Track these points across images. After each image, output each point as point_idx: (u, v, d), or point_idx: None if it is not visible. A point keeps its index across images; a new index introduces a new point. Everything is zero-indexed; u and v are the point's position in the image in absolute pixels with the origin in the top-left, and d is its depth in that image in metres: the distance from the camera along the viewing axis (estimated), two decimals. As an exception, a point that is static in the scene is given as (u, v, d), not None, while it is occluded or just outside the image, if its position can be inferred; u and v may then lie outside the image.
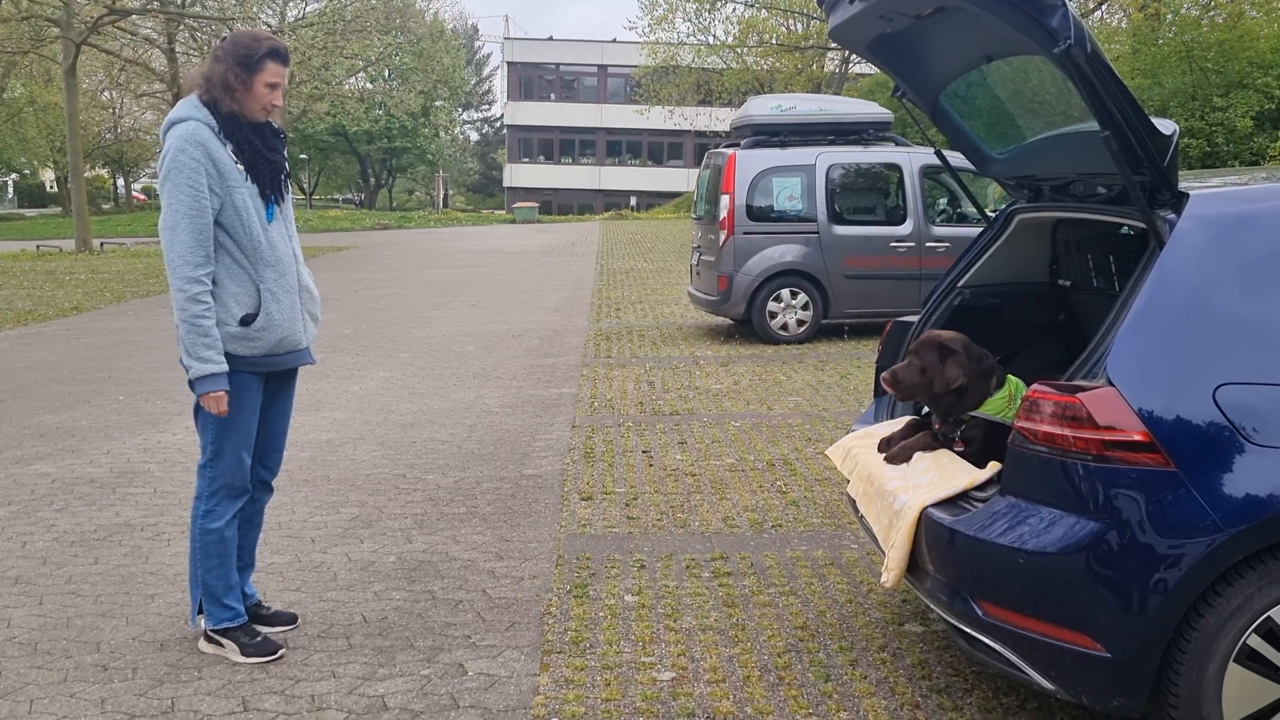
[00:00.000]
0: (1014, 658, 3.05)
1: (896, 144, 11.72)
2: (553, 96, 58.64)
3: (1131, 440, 2.86)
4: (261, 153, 3.78)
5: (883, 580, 3.48)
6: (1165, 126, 3.11)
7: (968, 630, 3.18)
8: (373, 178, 67.80)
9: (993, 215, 4.40)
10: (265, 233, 3.77)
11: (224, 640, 3.90)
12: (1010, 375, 3.74)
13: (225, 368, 3.70)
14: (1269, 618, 2.82)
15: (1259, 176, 3.65)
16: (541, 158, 58.60)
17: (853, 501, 4.00)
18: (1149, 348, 2.97)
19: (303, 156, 60.46)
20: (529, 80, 58.52)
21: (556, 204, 55.65)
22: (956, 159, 4.62)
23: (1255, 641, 2.83)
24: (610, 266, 21.53)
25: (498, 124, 72.33)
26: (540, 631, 4.12)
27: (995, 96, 3.99)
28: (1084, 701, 2.98)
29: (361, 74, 45.64)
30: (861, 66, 32.73)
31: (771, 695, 3.60)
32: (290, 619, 4.17)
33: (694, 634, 4.10)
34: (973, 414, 3.64)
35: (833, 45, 30.06)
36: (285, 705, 3.56)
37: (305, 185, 66.39)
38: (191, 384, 3.73)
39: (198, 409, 3.84)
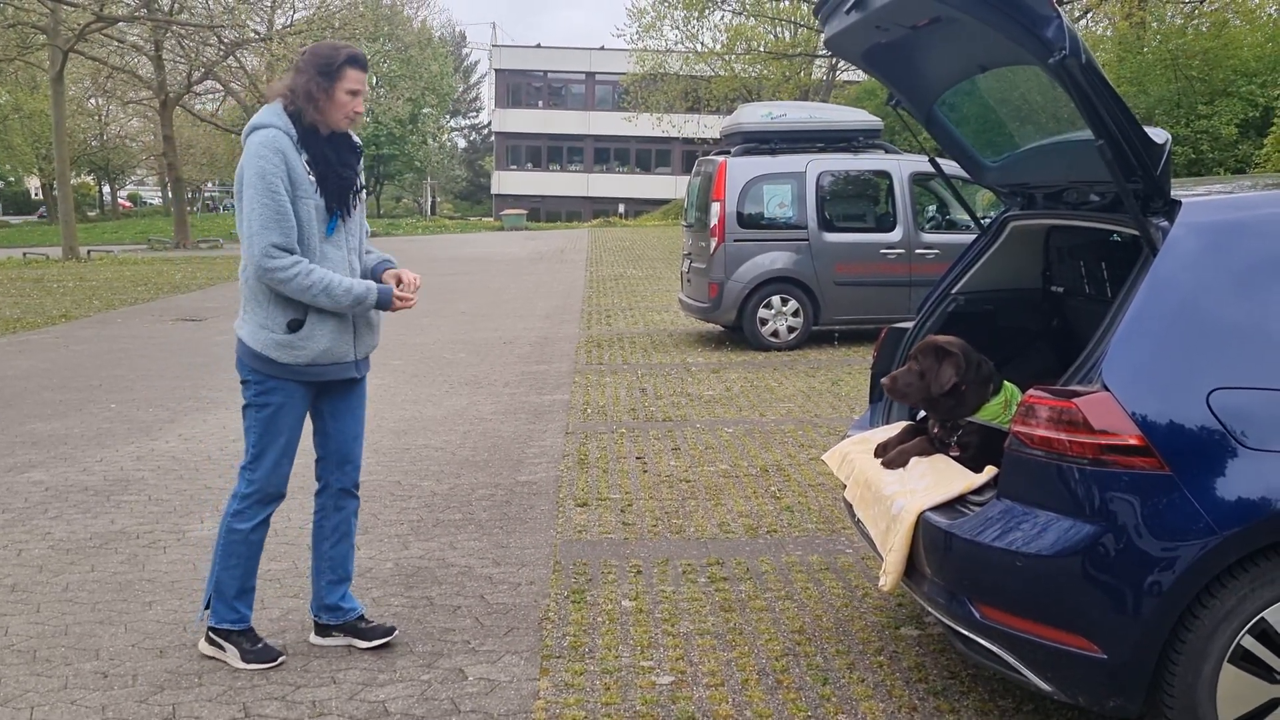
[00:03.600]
0: (1011, 660, 3.09)
1: (886, 151, 11.79)
2: (540, 104, 58.72)
3: (1126, 444, 2.90)
4: (334, 167, 3.79)
5: (880, 584, 3.51)
6: (1158, 135, 3.16)
7: (965, 633, 3.22)
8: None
9: (985, 223, 4.45)
10: (321, 245, 3.77)
11: (225, 643, 3.91)
12: (1005, 381, 3.78)
13: (372, 288, 3.82)
14: (1262, 619, 2.86)
15: (1244, 184, 3.70)
16: (529, 165, 58.64)
17: (849, 506, 4.03)
18: (1143, 353, 3.01)
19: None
20: (517, 87, 58.57)
21: (544, 211, 55.69)
22: (949, 166, 4.67)
23: (1249, 642, 2.87)
24: (600, 273, 21.56)
25: (485, 131, 72.35)
26: (539, 637, 4.14)
27: (989, 105, 4.04)
28: (1080, 703, 3.01)
29: (349, 81, 45.50)
30: (849, 74, 32.87)
31: (770, 699, 3.63)
32: (388, 631, 4.09)
33: (691, 638, 4.12)
34: (969, 419, 3.68)
35: (821, 52, 30.22)
36: (286, 711, 3.57)
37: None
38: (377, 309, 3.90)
39: (244, 411, 3.86)
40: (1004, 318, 4.42)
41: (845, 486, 4.09)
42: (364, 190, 3.96)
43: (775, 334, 11.29)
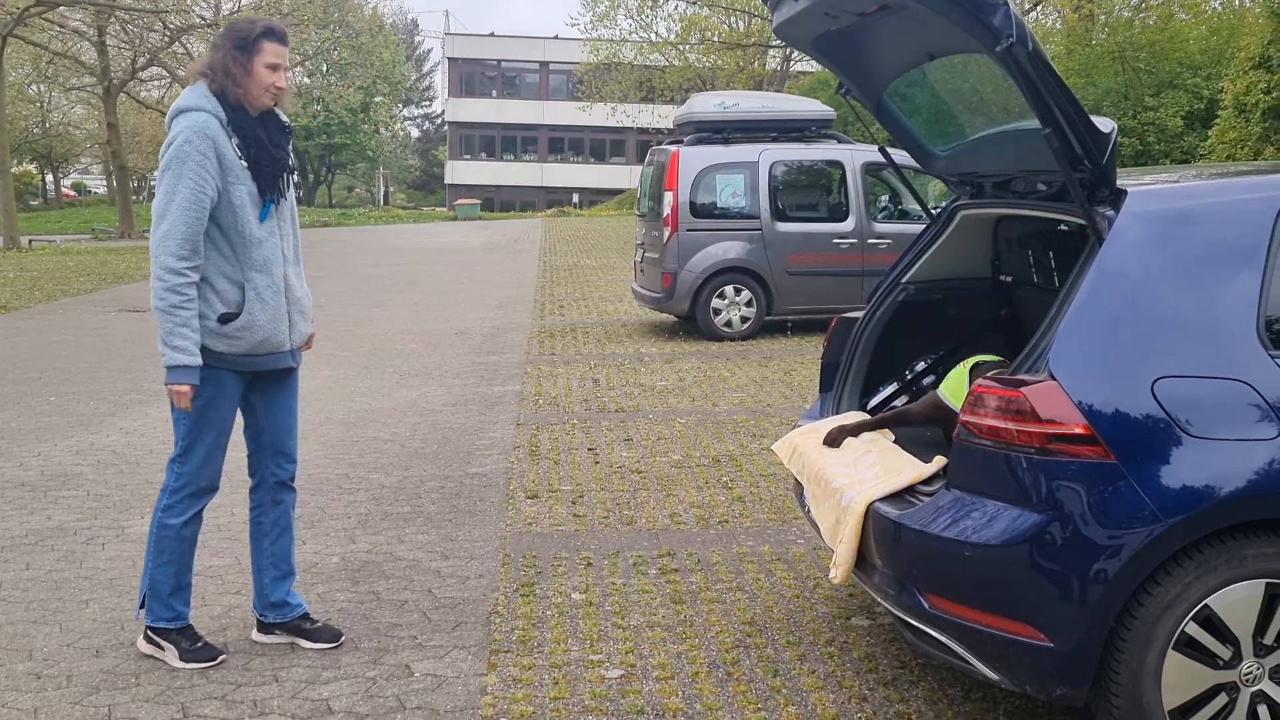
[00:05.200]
0: (960, 649, 3.08)
1: (839, 141, 11.81)
2: (494, 93, 58.29)
3: (1073, 433, 2.91)
4: (267, 149, 3.70)
5: (830, 576, 3.50)
6: (1104, 125, 3.16)
7: (914, 623, 3.21)
8: (311, 174, 66.86)
9: (935, 212, 4.45)
10: (256, 231, 3.68)
11: (163, 642, 3.81)
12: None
13: (198, 361, 3.60)
14: (1206, 605, 2.88)
15: (1189, 174, 3.72)
16: (483, 154, 58.21)
17: (799, 495, 4.01)
18: (1089, 342, 3.01)
19: (239, 152, 59.28)
20: (470, 76, 58.09)
21: (499, 201, 55.32)
22: (900, 156, 4.66)
23: (1193, 629, 2.88)
24: (553, 263, 21.46)
25: (439, 120, 71.69)
26: (487, 631, 4.09)
27: (937, 94, 4.03)
28: (1028, 691, 3.02)
29: (298, 68, 44.95)
30: (803, 64, 33.00)
31: (720, 691, 3.60)
32: (334, 636, 3.97)
33: (642, 631, 4.09)
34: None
35: (775, 43, 30.28)
36: (226, 711, 3.48)
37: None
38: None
39: (172, 403, 3.74)
40: (954, 307, 4.42)
41: (795, 478, 4.07)
42: (295, 172, 3.86)
43: (728, 324, 11.28)
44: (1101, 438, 2.89)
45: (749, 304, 11.28)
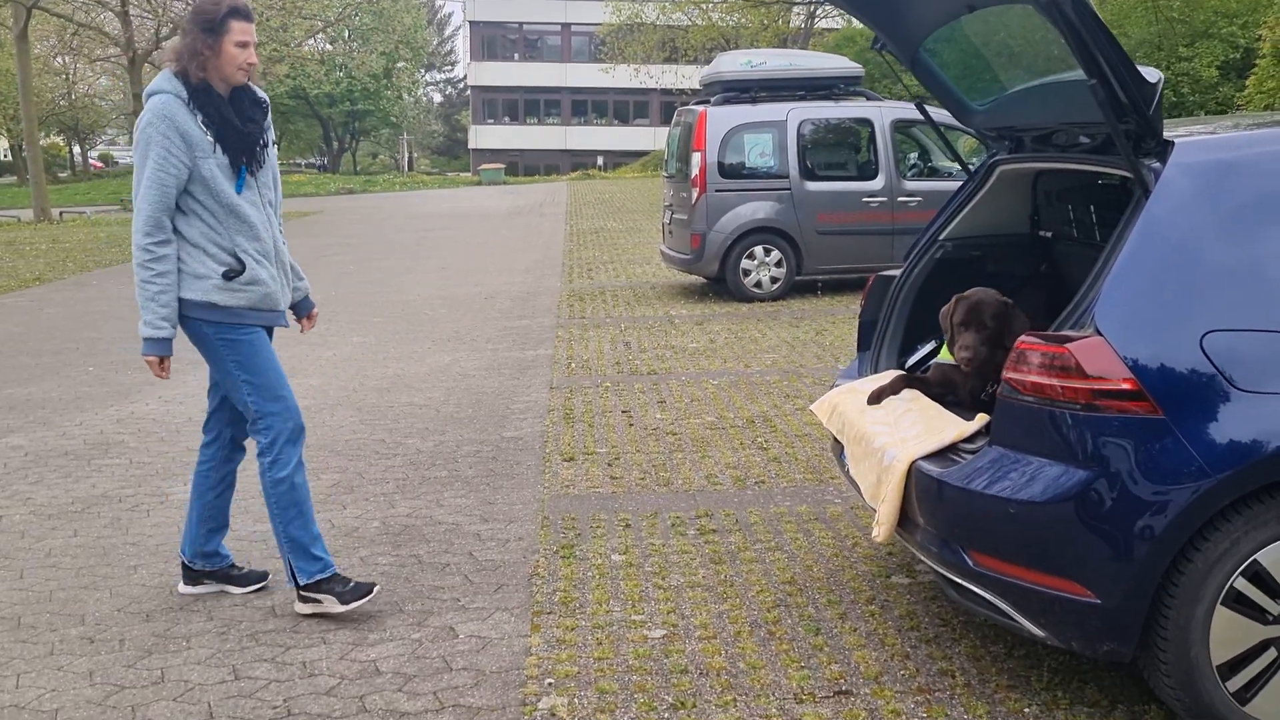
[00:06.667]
0: (1005, 606, 3.08)
1: (868, 99, 11.67)
2: (516, 56, 57.95)
3: (1120, 389, 2.88)
4: (231, 123, 3.81)
5: (873, 535, 3.50)
6: (1150, 75, 3.10)
7: (958, 580, 3.21)
8: (335, 141, 66.90)
9: (973, 168, 4.39)
10: (234, 200, 3.81)
11: (318, 595, 3.90)
12: None
13: (171, 333, 3.82)
14: (1255, 560, 2.86)
15: (1225, 125, 3.64)
16: (506, 119, 57.98)
17: (839, 455, 4.01)
18: (1136, 297, 2.98)
19: (263, 120, 59.32)
20: (491, 40, 57.74)
21: (522, 165, 55.16)
22: (938, 113, 4.60)
23: (1242, 584, 2.86)
24: (580, 227, 21.42)
25: (461, 85, 71.47)
26: (529, 593, 4.12)
27: (975, 47, 3.96)
28: (1074, 648, 3.01)
29: (321, 35, 44.81)
30: (827, 21, 32.55)
31: (763, 650, 3.62)
32: (261, 576, 4.22)
33: (682, 591, 4.11)
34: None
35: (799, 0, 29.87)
36: (276, 673, 3.54)
37: (267, 150, 65.21)
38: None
39: (219, 366, 3.91)
40: (992, 263, 4.37)
41: (833, 437, 4.06)
42: (272, 145, 4.00)
43: (758, 284, 11.23)
44: (1148, 393, 2.86)
45: (779, 264, 11.22)
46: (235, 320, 3.84)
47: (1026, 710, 3.20)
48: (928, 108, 4.40)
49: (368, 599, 3.90)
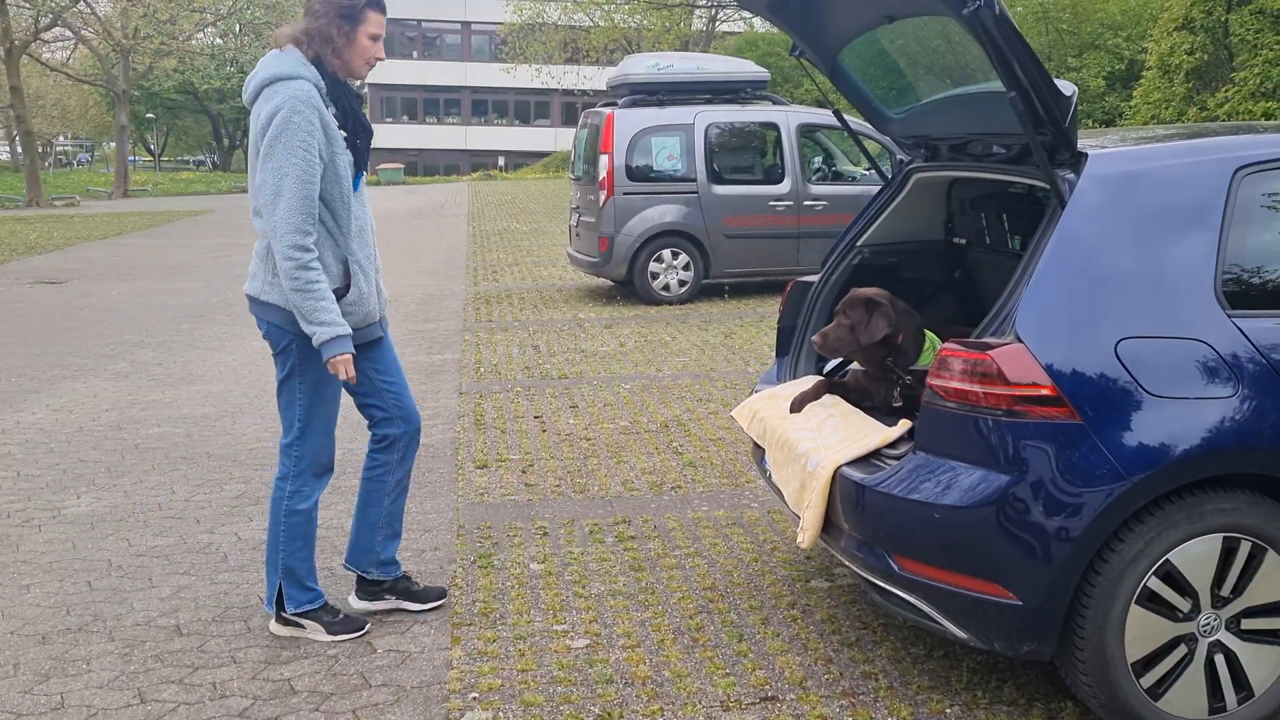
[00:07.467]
0: (928, 609, 3.12)
1: (774, 103, 11.79)
2: (415, 54, 57.15)
3: (1040, 395, 2.94)
4: (362, 119, 3.60)
5: (798, 541, 3.51)
6: (1065, 88, 3.17)
7: (883, 585, 3.24)
8: (226, 138, 65.13)
9: (889, 176, 4.45)
10: (353, 200, 3.57)
11: (305, 622, 3.74)
12: (927, 331, 3.80)
13: (349, 329, 3.51)
14: (1167, 560, 2.94)
15: (1147, 136, 3.76)
16: (405, 117, 57.14)
17: (759, 460, 4.02)
18: (1054, 304, 3.04)
19: (149, 116, 57.54)
20: (389, 37, 56.06)
21: (422, 165, 54.46)
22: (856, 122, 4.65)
23: (1154, 584, 2.95)
24: (483, 228, 21.21)
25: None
26: (448, 604, 4.04)
27: (894, 57, 4.01)
28: (996, 649, 3.07)
29: (211, 29, 43.57)
30: (728, 25, 32.87)
31: (687, 658, 3.61)
32: (440, 594, 4.02)
33: (604, 600, 4.07)
34: (914, 368, 3.70)
35: (700, 2, 30.09)
36: (185, 695, 3.40)
37: (152, 147, 63.25)
38: (320, 349, 3.53)
39: (283, 385, 3.65)
40: (908, 269, 4.44)
41: (753, 442, 4.07)
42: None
43: (666, 288, 11.26)
44: (1067, 398, 2.93)
45: (686, 267, 11.26)
46: None
47: (948, 710, 3.25)
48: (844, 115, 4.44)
49: (358, 635, 3.75)
